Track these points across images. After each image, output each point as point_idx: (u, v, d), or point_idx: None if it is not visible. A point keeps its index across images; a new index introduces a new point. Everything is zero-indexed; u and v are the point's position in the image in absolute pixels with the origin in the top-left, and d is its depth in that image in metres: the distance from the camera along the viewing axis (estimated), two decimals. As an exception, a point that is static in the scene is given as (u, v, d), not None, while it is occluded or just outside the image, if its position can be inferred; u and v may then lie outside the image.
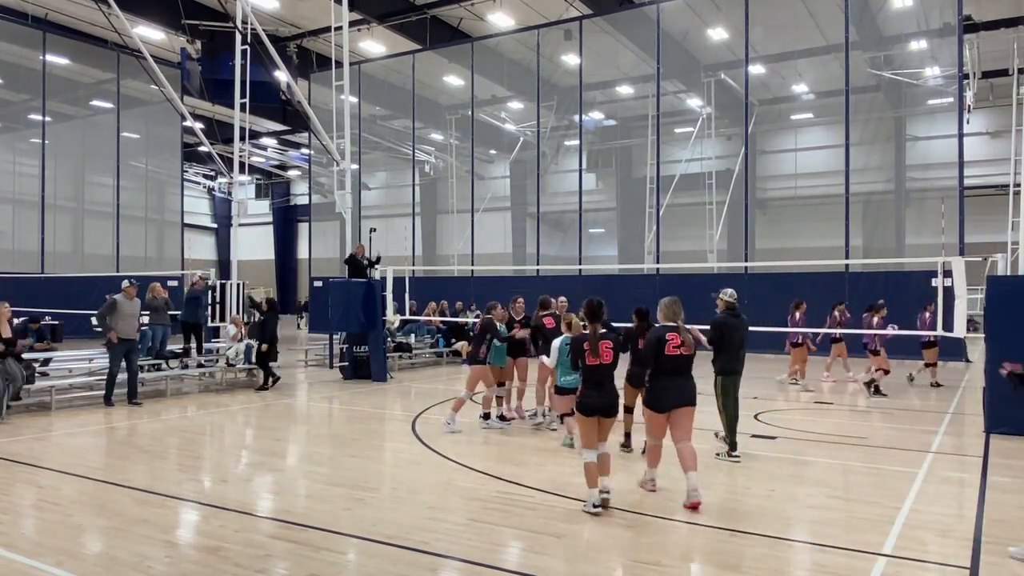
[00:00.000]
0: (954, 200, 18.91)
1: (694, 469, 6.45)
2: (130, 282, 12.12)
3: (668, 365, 6.60)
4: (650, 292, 21.25)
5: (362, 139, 29.42)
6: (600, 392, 6.36)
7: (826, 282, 19.55)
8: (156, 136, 30.48)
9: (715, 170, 25.53)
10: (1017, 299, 9.67)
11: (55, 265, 26.11)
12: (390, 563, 5.10)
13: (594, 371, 6.39)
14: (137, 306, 12.06)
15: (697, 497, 6.31)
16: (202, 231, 49.34)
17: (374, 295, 15.26)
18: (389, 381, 15.22)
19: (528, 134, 29.02)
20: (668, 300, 6.93)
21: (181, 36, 25.03)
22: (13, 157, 26.99)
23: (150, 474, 7.62)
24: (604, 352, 6.41)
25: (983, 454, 8.53)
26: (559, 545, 5.47)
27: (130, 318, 11.74)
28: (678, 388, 6.64)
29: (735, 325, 8.29)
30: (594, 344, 6.40)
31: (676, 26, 24.29)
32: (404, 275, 17.44)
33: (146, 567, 5.01)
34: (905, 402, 12.80)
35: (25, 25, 24.92)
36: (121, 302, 11.66)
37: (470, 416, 10.76)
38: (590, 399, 6.36)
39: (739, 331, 8.30)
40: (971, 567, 5.05)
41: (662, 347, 6.59)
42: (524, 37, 25.58)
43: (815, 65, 25.02)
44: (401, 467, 8.11)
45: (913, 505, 6.46)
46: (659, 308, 6.96)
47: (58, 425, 10.09)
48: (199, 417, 11.27)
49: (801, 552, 5.45)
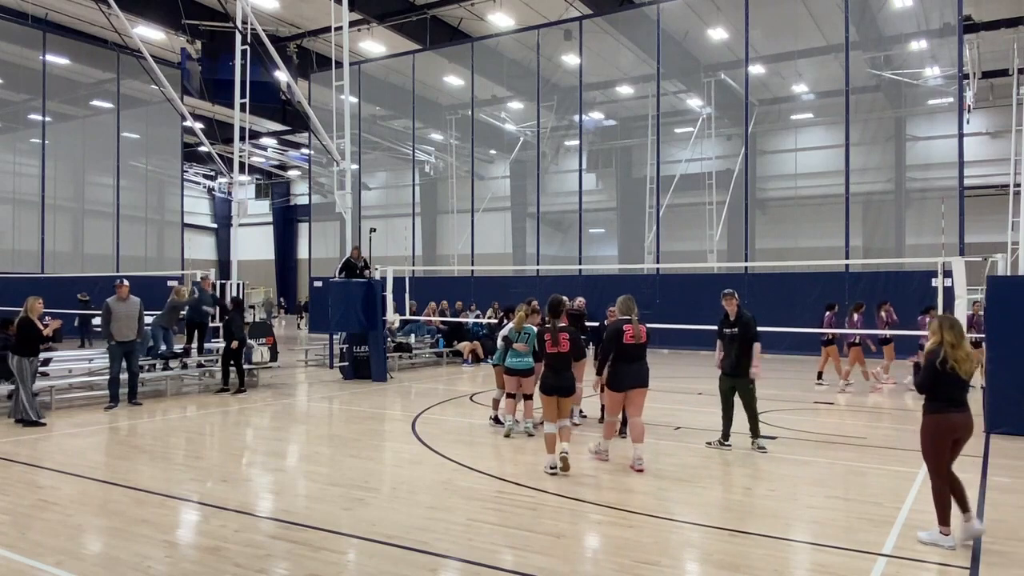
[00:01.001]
0: (954, 200, 18.89)
1: (641, 442, 7.63)
2: (120, 281, 11.73)
3: (625, 352, 7.59)
4: (650, 292, 21.42)
5: (362, 139, 29.42)
6: (557, 376, 7.51)
7: (826, 282, 19.56)
8: (156, 136, 30.46)
9: (715, 170, 25.52)
10: (1017, 299, 9.67)
11: (55, 265, 26.12)
12: (390, 563, 5.10)
13: (553, 358, 7.55)
14: (134, 306, 11.61)
15: (641, 465, 7.51)
16: (202, 231, 49.36)
17: (374, 295, 15.26)
18: (389, 381, 15.23)
19: (528, 134, 29.02)
20: (624, 298, 7.89)
21: (181, 36, 25.02)
22: (13, 157, 26.99)
23: (150, 474, 7.62)
24: (563, 342, 7.55)
25: (983, 454, 8.53)
26: (559, 545, 5.47)
27: (126, 319, 11.42)
28: (634, 372, 7.66)
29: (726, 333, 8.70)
30: (555, 335, 7.55)
31: (676, 26, 24.28)
32: (404, 275, 17.44)
33: (146, 567, 5.02)
34: (905, 402, 12.80)
35: (25, 25, 24.92)
36: (113, 305, 11.35)
37: (472, 416, 10.77)
38: (549, 380, 7.52)
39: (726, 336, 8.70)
40: (971, 567, 5.06)
41: (620, 337, 7.58)
42: (524, 37, 25.57)
43: (815, 65, 25.01)
44: (401, 467, 8.11)
45: (913, 505, 6.46)
46: (616, 304, 7.93)
47: (58, 425, 10.08)
48: (199, 417, 11.27)
49: (801, 552, 5.45)
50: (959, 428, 5.40)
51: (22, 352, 9.93)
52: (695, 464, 8.10)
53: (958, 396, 5.40)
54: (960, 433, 5.42)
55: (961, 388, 5.40)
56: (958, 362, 5.27)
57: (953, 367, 5.28)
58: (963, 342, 5.34)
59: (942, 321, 5.46)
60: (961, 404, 5.41)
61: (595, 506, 6.45)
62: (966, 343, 5.37)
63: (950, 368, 5.29)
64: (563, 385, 7.51)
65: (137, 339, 11.78)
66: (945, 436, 5.38)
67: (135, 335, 11.64)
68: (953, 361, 5.28)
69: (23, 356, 9.92)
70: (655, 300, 21.12)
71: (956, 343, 5.31)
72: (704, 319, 8.35)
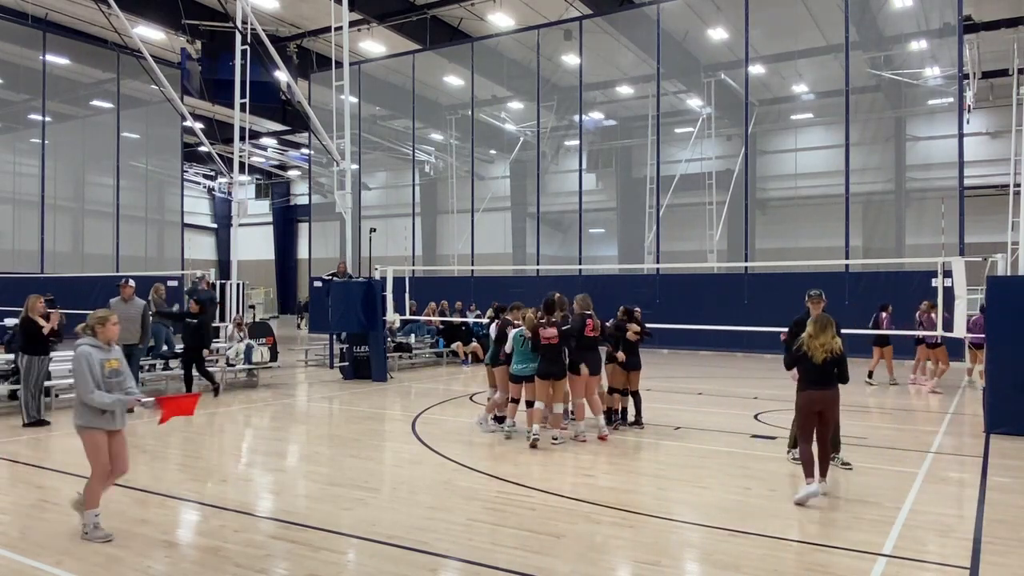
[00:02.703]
0: (954, 200, 18.88)
1: (600, 414, 9.30)
2: (125, 281, 11.57)
3: (584, 343, 9.05)
4: (650, 292, 21.42)
5: (362, 139, 29.41)
6: (549, 363, 8.79)
7: (826, 282, 19.51)
8: (156, 136, 30.46)
9: (715, 170, 25.51)
10: (1017, 299, 9.67)
11: (55, 265, 26.12)
12: (390, 563, 5.10)
13: (547, 348, 8.77)
14: (137, 308, 11.40)
15: (605, 432, 9.16)
16: (202, 231, 49.31)
17: (374, 295, 15.26)
18: (389, 381, 15.22)
19: (528, 134, 29.02)
20: (581, 296, 9.39)
21: (181, 36, 25.01)
22: (13, 157, 27.00)
23: (150, 474, 7.62)
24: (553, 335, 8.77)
25: (983, 454, 8.53)
26: (559, 545, 5.47)
27: (125, 321, 10.71)
28: (593, 359, 9.17)
29: None
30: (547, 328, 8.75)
31: (676, 26, 24.27)
32: (404, 275, 17.44)
33: (146, 567, 5.02)
34: (905, 402, 12.80)
35: (25, 25, 24.91)
36: (115, 306, 11.06)
37: (472, 416, 10.77)
38: (542, 367, 8.81)
39: None
40: (971, 567, 5.06)
41: (583, 330, 8.99)
42: (524, 37, 25.56)
43: (815, 65, 25.00)
44: (401, 467, 8.11)
45: (913, 505, 6.46)
46: (575, 301, 9.31)
47: (59, 425, 10.07)
48: (199, 417, 11.24)
49: (801, 552, 5.44)
50: (818, 402, 6.68)
51: (29, 351, 10.01)
52: (695, 464, 8.11)
53: (815, 377, 6.67)
54: (820, 406, 6.69)
55: (819, 371, 6.60)
56: (812, 350, 6.54)
57: (806, 353, 6.60)
58: (822, 335, 6.54)
59: (816, 319, 6.77)
60: (821, 384, 6.67)
61: (595, 506, 6.45)
62: (825, 337, 6.53)
63: (804, 354, 6.62)
64: (556, 370, 8.81)
65: (139, 344, 11.45)
66: (808, 408, 6.72)
67: (135, 338, 11.21)
68: (807, 349, 6.59)
69: (31, 355, 10.00)
70: (655, 300, 21.13)
71: (814, 335, 6.57)
72: (705, 319, 8.30)
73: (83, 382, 5.47)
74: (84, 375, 5.48)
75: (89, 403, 5.51)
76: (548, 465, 8.02)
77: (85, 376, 5.48)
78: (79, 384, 5.51)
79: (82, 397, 5.53)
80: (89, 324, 5.73)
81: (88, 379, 5.48)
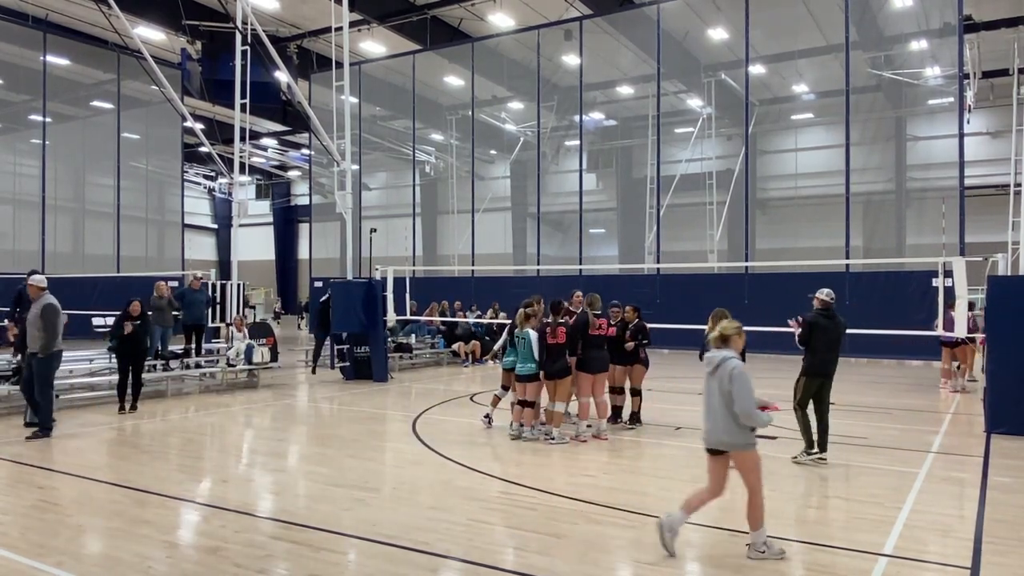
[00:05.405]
0: (954, 200, 18.87)
1: (605, 417, 9.55)
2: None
3: (592, 341, 9.11)
4: (651, 292, 21.40)
5: (362, 139, 29.40)
6: (555, 362, 8.95)
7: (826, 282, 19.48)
8: (156, 137, 30.44)
9: (715, 170, 25.50)
10: (1017, 299, 9.67)
11: (55, 265, 26.08)
12: (390, 563, 5.10)
13: (553, 348, 8.96)
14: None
15: (606, 435, 9.31)
16: (202, 231, 49.34)
17: (374, 295, 15.26)
18: (390, 381, 15.22)
19: (528, 134, 29.01)
20: (592, 295, 9.55)
21: (181, 36, 25.02)
22: (13, 157, 26.96)
23: (150, 475, 7.61)
24: (560, 335, 8.96)
25: (984, 454, 8.53)
26: (559, 545, 5.47)
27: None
28: (600, 358, 9.25)
29: (825, 326, 8.16)
30: (554, 330, 8.96)
31: (676, 26, 24.26)
32: (404, 275, 17.43)
33: (146, 567, 5.02)
34: (905, 402, 12.79)
35: (25, 25, 24.89)
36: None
37: (472, 416, 10.76)
38: (547, 366, 8.97)
39: (829, 332, 8.15)
40: (972, 567, 5.05)
41: (588, 329, 9.06)
42: (524, 37, 25.56)
43: (815, 65, 25.00)
44: (402, 467, 8.11)
45: (914, 505, 6.46)
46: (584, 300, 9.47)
47: (58, 425, 10.07)
48: (199, 417, 11.26)
49: (801, 552, 5.44)
50: None
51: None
52: (695, 464, 8.09)
53: None
54: None
55: None
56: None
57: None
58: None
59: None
60: None
61: (595, 506, 6.45)
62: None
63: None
64: (561, 369, 8.97)
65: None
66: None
67: None
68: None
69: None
70: (656, 300, 21.11)
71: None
72: (705, 319, 8.27)
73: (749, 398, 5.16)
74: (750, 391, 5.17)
75: (749, 422, 5.20)
76: (549, 465, 8.02)
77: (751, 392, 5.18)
78: (745, 401, 5.15)
79: (748, 415, 5.17)
80: (726, 334, 5.53)
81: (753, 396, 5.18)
